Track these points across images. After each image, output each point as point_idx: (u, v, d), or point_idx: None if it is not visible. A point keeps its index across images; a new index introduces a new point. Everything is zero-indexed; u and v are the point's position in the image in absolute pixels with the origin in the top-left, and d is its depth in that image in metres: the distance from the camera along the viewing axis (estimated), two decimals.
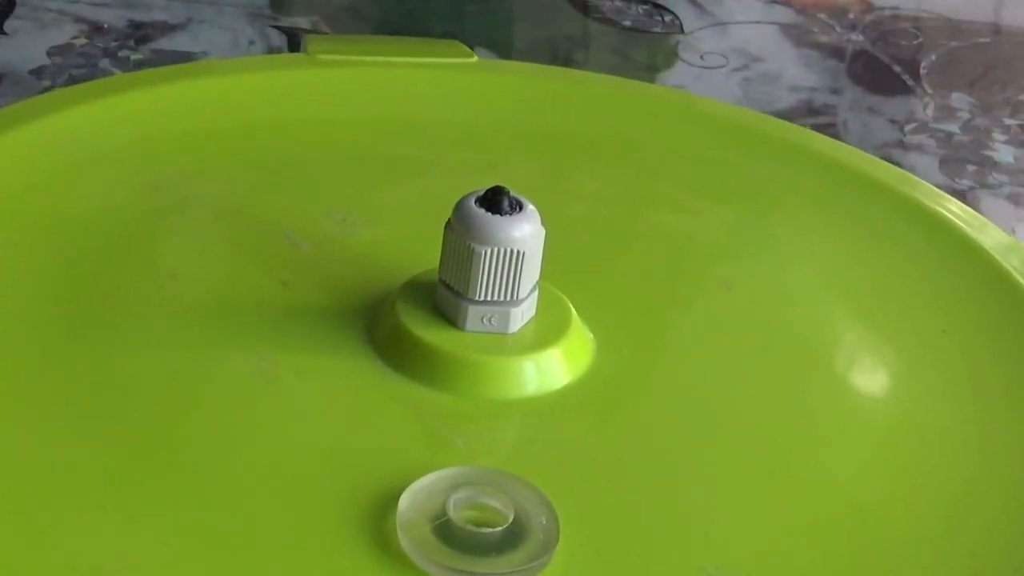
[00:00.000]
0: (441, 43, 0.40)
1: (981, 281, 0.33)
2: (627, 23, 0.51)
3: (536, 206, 0.27)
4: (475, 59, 0.39)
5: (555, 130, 0.37)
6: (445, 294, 0.27)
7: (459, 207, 0.27)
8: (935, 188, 0.36)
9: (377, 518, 0.24)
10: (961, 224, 0.35)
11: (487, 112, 0.38)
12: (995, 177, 0.41)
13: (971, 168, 0.41)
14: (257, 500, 0.24)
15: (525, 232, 0.27)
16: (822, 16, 0.50)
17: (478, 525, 0.23)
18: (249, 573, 0.23)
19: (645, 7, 0.51)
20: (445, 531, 0.23)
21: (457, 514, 0.23)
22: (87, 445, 0.25)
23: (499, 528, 0.23)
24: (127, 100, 0.35)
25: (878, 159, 0.37)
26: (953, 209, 0.35)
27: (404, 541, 0.23)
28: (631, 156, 0.37)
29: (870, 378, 0.30)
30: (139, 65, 0.46)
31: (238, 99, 0.37)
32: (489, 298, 0.27)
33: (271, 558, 0.23)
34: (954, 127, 0.44)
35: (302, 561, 0.23)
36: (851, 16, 0.50)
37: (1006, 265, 0.33)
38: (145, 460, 0.25)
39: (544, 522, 0.23)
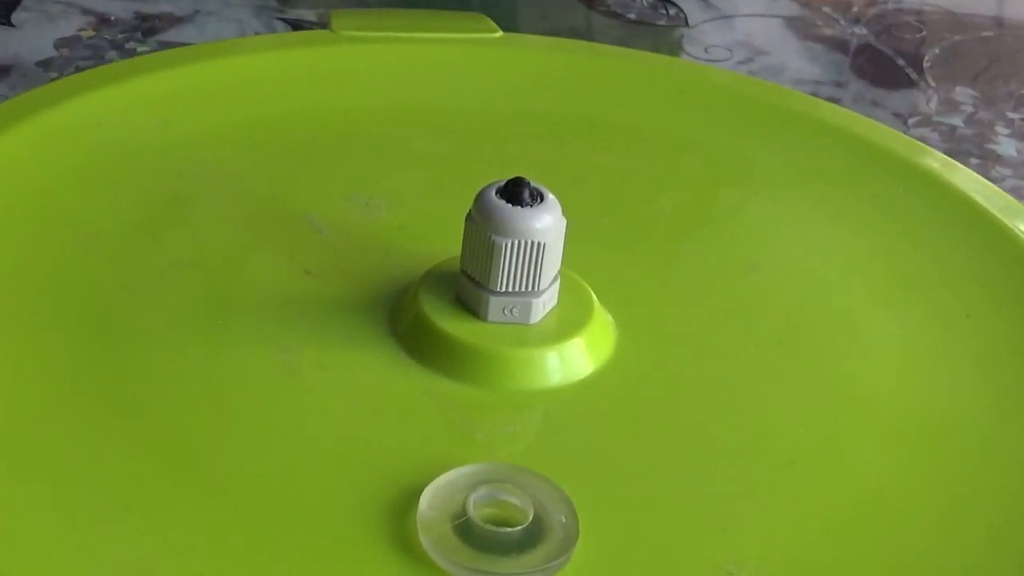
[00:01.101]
0: (467, 16, 0.40)
1: (1006, 265, 0.32)
2: (632, 16, 0.51)
3: (556, 194, 0.27)
4: (500, 34, 0.38)
5: (578, 109, 0.37)
6: (467, 285, 0.27)
7: (479, 198, 0.26)
8: (972, 172, 0.35)
9: (399, 515, 0.24)
10: (991, 208, 0.34)
11: (512, 91, 0.37)
12: (998, 171, 0.41)
13: (974, 161, 0.41)
14: (278, 496, 0.24)
15: (546, 223, 0.26)
16: (826, 9, 0.50)
17: (498, 524, 0.23)
18: (269, 570, 0.23)
19: (650, 0, 0.50)
20: (465, 530, 0.23)
21: (477, 513, 0.23)
22: (111, 437, 0.25)
23: (519, 527, 0.23)
24: (148, 82, 0.35)
25: (912, 139, 0.36)
26: (985, 192, 0.34)
27: (425, 540, 0.23)
28: (653, 134, 0.36)
29: (891, 365, 0.29)
30: None
31: (260, 80, 0.36)
32: (511, 289, 0.27)
33: (291, 556, 0.23)
34: (957, 120, 0.44)
35: (323, 559, 0.23)
36: (855, 9, 0.50)
37: None
38: (166, 453, 0.25)
39: (564, 520, 0.23)
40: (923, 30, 0.49)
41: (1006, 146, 0.43)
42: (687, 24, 0.50)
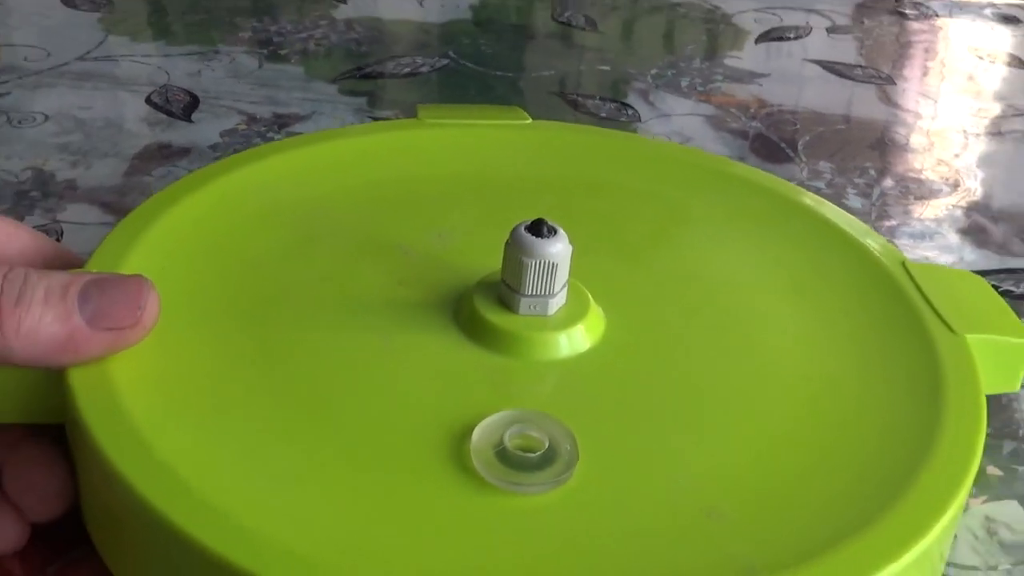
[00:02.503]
0: (509, 109, 0.39)
1: (866, 270, 0.32)
2: (603, 115, 0.50)
3: (566, 229, 0.28)
4: (530, 120, 0.39)
5: (580, 171, 0.37)
6: (505, 290, 0.28)
7: (514, 232, 0.28)
8: (837, 208, 0.35)
9: (458, 444, 0.24)
10: (851, 231, 0.34)
11: (537, 159, 0.37)
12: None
13: None
14: (375, 431, 0.25)
15: (558, 249, 0.27)
16: (733, 110, 0.51)
17: (524, 451, 0.24)
18: (369, 482, 0.24)
19: (615, 104, 0.51)
20: (502, 455, 0.24)
21: (510, 443, 0.24)
22: (264, 392, 0.26)
23: (537, 453, 0.24)
24: (288, 157, 0.35)
25: (797, 186, 0.37)
26: (847, 219, 0.35)
27: (476, 462, 0.24)
28: (630, 187, 0.36)
29: (792, 342, 0.30)
30: None
31: (367, 153, 0.37)
32: (534, 293, 0.28)
33: (384, 471, 0.24)
34: (821, 184, 0.45)
35: (407, 474, 0.24)
36: (751, 110, 0.52)
37: (902, 279, 0.31)
38: (299, 403, 0.26)
39: (568, 448, 0.24)
40: (797, 124, 0.51)
41: (854, 201, 0.44)
42: (640, 120, 0.50)
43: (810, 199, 0.36)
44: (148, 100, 0.49)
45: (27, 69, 0.51)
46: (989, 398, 0.31)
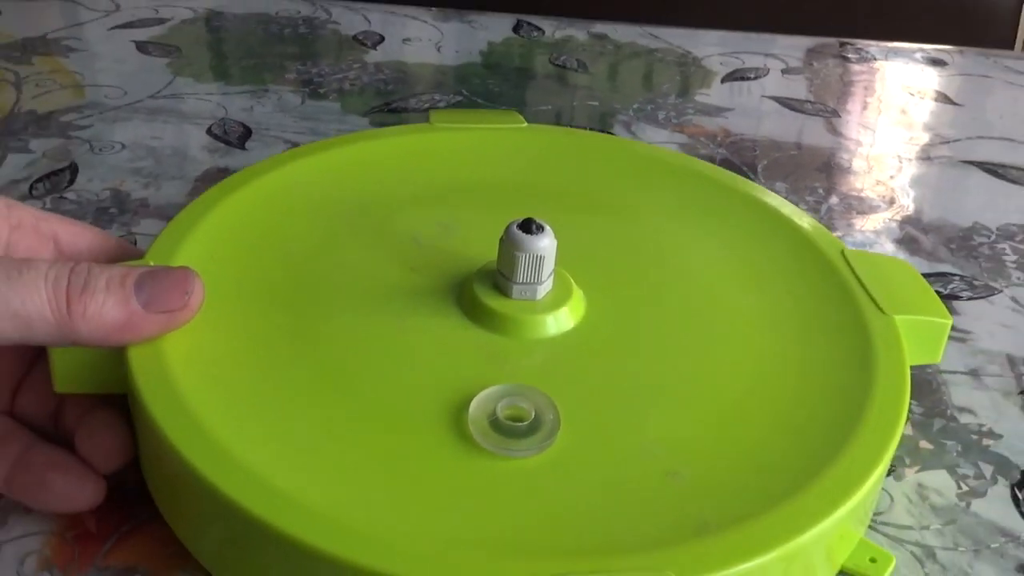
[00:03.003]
0: (508, 113, 0.39)
1: (812, 255, 0.32)
2: None
3: (553, 224, 0.28)
4: (525, 124, 0.38)
5: (568, 172, 0.36)
6: (500, 277, 0.28)
7: (507, 229, 0.28)
8: (788, 203, 0.35)
9: (458, 413, 0.25)
10: (800, 222, 0.33)
11: (529, 158, 0.36)
12: None
13: None
14: (385, 399, 0.25)
15: (544, 244, 0.27)
16: (702, 139, 0.51)
17: (513, 420, 0.24)
18: (382, 445, 0.24)
19: (602, 133, 0.49)
20: (495, 424, 0.24)
21: (502, 414, 0.24)
22: (294, 365, 0.26)
23: (525, 422, 0.24)
24: (315, 160, 0.35)
25: (756, 183, 0.36)
26: (797, 213, 0.34)
27: (472, 430, 0.24)
28: (608, 186, 0.35)
29: (743, 321, 0.29)
30: None
31: (387, 153, 0.36)
32: (525, 280, 0.28)
33: (396, 439, 0.24)
34: None
35: (412, 439, 0.24)
36: (718, 139, 0.51)
37: (840, 265, 0.31)
38: (323, 373, 0.26)
39: (551, 418, 0.24)
40: (757, 150, 0.50)
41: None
42: None
43: (766, 195, 0.35)
44: (209, 131, 0.49)
45: (107, 105, 0.51)
46: (923, 384, 0.32)
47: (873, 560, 0.25)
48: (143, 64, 0.56)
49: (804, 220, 0.34)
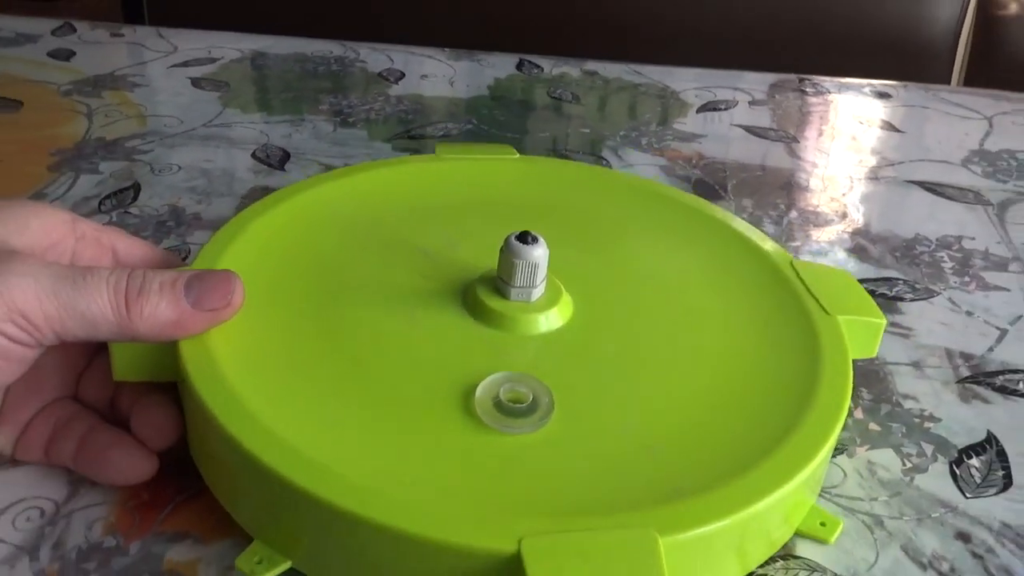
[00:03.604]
0: (502, 146, 0.39)
1: (766, 266, 0.32)
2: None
3: (545, 238, 0.28)
4: (518, 156, 0.38)
5: (557, 194, 0.36)
6: (500, 282, 0.28)
7: (507, 240, 0.28)
8: (748, 224, 0.34)
9: (466, 397, 0.25)
10: (753, 238, 0.33)
11: (523, 185, 0.36)
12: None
13: None
14: (406, 388, 0.25)
15: (538, 253, 0.27)
16: (680, 162, 0.51)
17: (514, 402, 0.24)
18: (400, 424, 0.24)
19: (593, 157, 0.50)
20: (498, 405, 0.24)
21: (504, 396, 0.24)
22: (326, 360, 0.26)
23: (524, 404, 0.24)
24: (347, 181, 0.35)
25: (721, 208, 0.36)
26: (753, 231, 0.34)
27: (479, 410, 0.24)
28: (593, 207, 0.35)
29: (709, 321, 0.29)
30: None
31: (402, 178, 0.36)
32: (521, 284, 0.28)
33: (412, 418, 0.24)
34: (744, 215, 0.44)
35: (424, 419, 0.24)
36: (693, 162, 0.51)
37: (789, 275, 0.31)
38: (343, 362, 0.26)
39: (547, 401, 0.25)
40: (726, 171, 0.50)
41: (769, 227, 0.43)
42: (611, 168, 0.48)
43: (728, 217, 0.35)
44: (253, 155, 0.49)
45: (166, 132, 0.51)
46: (871, 374, 0.32)
47: (823, 524, 0.25)
48: (197, 97, 0.56)
49: (759, 237, 0.34)
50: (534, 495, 0.22)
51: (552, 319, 0.28)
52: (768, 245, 0.33)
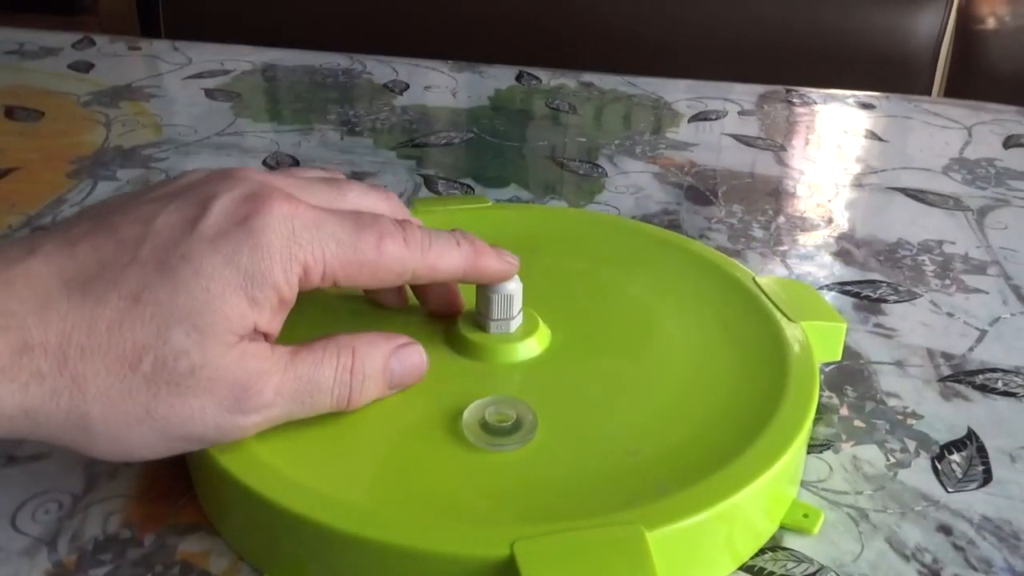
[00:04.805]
0: (476, 197, 0.39)
1: (737, 290, 0.32)
2: (581, 172, 0.49)
3: (521, 276, 0.27)
4: (491, 203, 0.37)
5: (530, 233, 0.35)
6: (479, 316, 0.28)
7: None
8: (717, 252, 0.34)
9: (455, 420, 0.25)
10: (716, 260, 0.33)
11: (497, 228, 0.34)
12: (754, 244, 0.42)
13: (742, 239, 0.42)
14: (394, 414, 0.25)
15: (512, 286, 0.27)
16: (672, 169, 0.51)
17: (499, 422, 0.24)
18: (388, 451, 0.24)
19: (589, 164, 0.50)
20: (485, 426, 0.24)
21: (489, 418, 0.25)
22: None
23: (509, 423, 0.24)
24: None
25: (689, 238, 0.36)
26: (713, 253, 0.34)
27: (466, 431, 0.24)
28: (574, 246, 0.35)
29: (687, 339, 0.29)
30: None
31: None
32: (499, 316, 0.28)
33: (400, 445, 0.24)
34: (734, 221, 0.44)
35: (419, 441, 0.24)
36: (685, 169, 0.51)
37: (753, 289, 0.31)
38: None
39: (531, 419, 0.25)
40: (717, 179, 0.50)
41: (757, 232, 0.43)
42: (607, 175, 0.48)
43: (692, 243, 0.35)
44: (264, 162, 0.49)
45: (181, 141, 0.51)
46: (856, 374, 0.32)
47: (806, 515, 0.25)
48: (210, 107, 0.56)
49: (721, 259, 0.34)
50: (524, 505, 0.22)
51: (530, 347, 0.28)
52: (729, 264, 0.33)
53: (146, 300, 0.19)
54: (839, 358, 0.30)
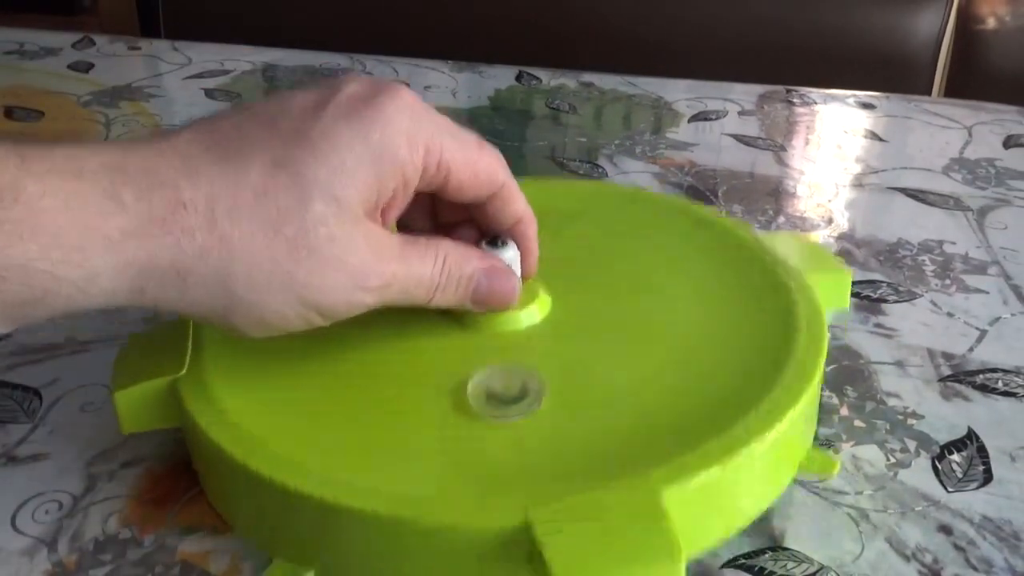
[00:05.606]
0: None
1: (742, 256, 0.31)
2: (580, 172, 0.49)
3: (515, 243, 0.27)
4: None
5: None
6: None
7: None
8: (713, 208, 0.34)
9: (456, 393, 0.25)
10: (715, 218, 0.33)
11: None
12: None
13: None
14: (399, 388, 0.25)
15: (510, 254, 0.27)
16: (672, 169, 0.51)
17: (504, 392, 0.25)
18: (394, 428, 0.24)
19: (589, 164, 0.50)
20: (490, 395, 0.24)
21: (494, 387, 0.25)
22: (324, 373, 0.26)
23: (514, 392, 0.25)
24: None
25: (703, 206, 0.35)
26: (737, 226, 0.34)
27: (472, 403, 0.24)
28: (572, 215, 0.35)
29: (695, 295, 0.29)
30: None
31: None
32: None
33: (405, 420, 0.24)
34: None
35: (422, 412, 0.24)
36: (685, 169, 0.51)
37: (755, 244, 0.31)
38: (349, 374, 0.25)
39: (536, 386, 0.25)
40: (717, 179, 0.50)
41: (754, 230, 0.44)
42: (607, 176, 0.48)
43: (690, 205, 0.35)
44: None
45: None
46: (856, 373, 0.32)
47: (824, 460, 0.26)
48: (210, 107, 0.57)
49: (721, 216, 0.34)
50: (535, 472, 0.22)
51: (531, 315, 0.28)
52: (730, 222, 0.33)
53: (288, 169, 0.20)
54: (847, 305, 0.30)
